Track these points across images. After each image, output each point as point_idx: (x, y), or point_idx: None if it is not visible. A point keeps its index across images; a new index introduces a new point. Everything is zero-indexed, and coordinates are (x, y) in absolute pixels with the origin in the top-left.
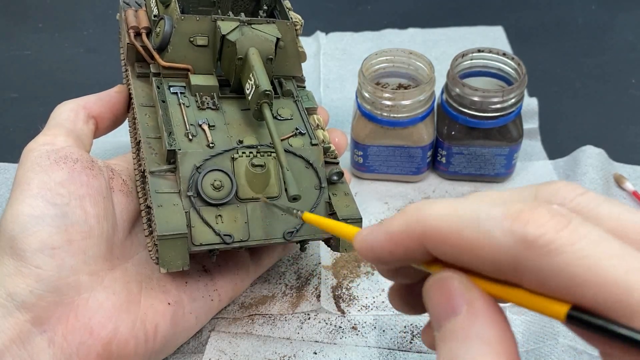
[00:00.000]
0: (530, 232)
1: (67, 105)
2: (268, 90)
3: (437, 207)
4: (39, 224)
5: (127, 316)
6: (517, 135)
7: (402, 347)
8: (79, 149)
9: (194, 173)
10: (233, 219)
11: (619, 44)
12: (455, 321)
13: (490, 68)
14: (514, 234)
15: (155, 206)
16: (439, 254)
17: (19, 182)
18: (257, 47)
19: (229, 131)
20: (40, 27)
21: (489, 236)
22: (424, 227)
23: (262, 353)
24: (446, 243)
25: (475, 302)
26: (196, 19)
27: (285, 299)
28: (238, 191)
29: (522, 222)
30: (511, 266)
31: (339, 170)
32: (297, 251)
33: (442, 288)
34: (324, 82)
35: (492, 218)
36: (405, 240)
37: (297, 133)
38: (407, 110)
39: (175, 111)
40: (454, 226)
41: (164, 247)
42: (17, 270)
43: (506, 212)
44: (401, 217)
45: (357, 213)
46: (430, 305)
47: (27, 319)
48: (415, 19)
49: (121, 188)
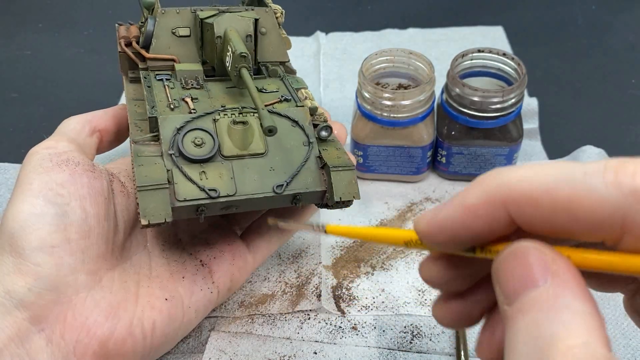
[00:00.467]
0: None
1: (73, 119)
2: (244, 53)
3: (521, 170)
4: (39, 222)
5: (124, 314)
6: (517, 135)
7: (402, 347)
8: (81, 154)
9: (175, 134)
10: (218, 175)
11: (619, 44)
12: (538, 292)
13: (490, 68)
14: (621, 186)
15: (136, 166)
16: (527, 220)
17: (20, 182)
18: (235, 26)
19: (212, 103)
20: (40, 27)
21: (591, 190)
22: (509, 192)
23: (262, 353)
24: (538, 205)
25: (562, 273)
26: (176, 12)
27: (286, 297)
28: (222, 149)
29: (628, 175)
30: (617, 221)
31: (327, 124)
32: (297, 249)
33: (519, 259)
34: (324, 82)
35: (591, 172)
36: (486, 210)
37: (282, 99)
38: (407, 110)
39: (160, 91)
40: (546, 185)
41: (144, 198)
42: (16, 268)
43: (604, 166)
44: (478, 186)
45: (350, 162)
46: (504, 278)
47: (26, 317)
48: (415, 19)
49: (121, 189)
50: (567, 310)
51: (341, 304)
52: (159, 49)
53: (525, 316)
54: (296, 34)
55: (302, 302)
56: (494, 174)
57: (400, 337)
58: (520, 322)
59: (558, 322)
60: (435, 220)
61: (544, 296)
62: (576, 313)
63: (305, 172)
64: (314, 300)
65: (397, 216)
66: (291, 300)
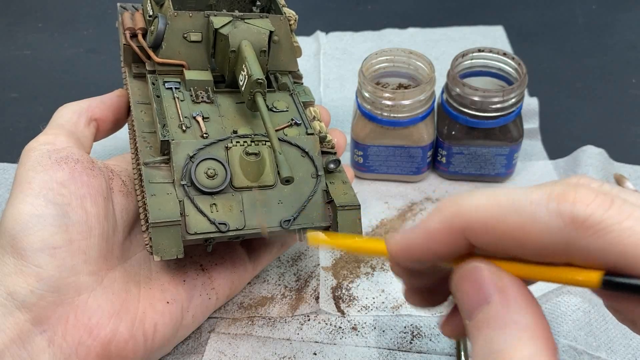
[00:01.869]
0: (580, 212)
1: (69, 107)
2: (260, 79)
3: (475, 198)
4: (41, 223)
5: (126, 316)
6: (518, 135)
7: (402, 347)
8: (80, 149)
9: (188, 162)
10: (228, 208)
11: (619, 44)
12: (488, 309)
13: (491, 68)
14: (563, 215)
15: (149, 195)
16: (482, 244)
17: (19, 181)
18: (250, 39)
19: (223, 123)
20: (40, 27)
21: (535, 219)
22: (466, 220)
23: (261, 354)
24: (490, 232)
25: (508, 288)
26: (189, 15)
27: (285, 300)
28: (233, 180)
29: (569, 202)
30: (561, 247)
31: (336, 158)
32: (296, 252)
33: (471, 278)
34: (324, 82)
35: (536, 201)
36: (446, 236)
37: (292, 123)
38: (407, 110)
39: (170, 105)
40: (497, 214)
41: (157, 235)
42: (17, 270)
43: (548, 194)
44: (438, 213)
45: (356, 200)
46: (460, 295)
47: (27, 319)
48: (415, 19)
49: (120, 189)
50: (514, 325)
51: (341, 304)
52: (168, 53)
53: (480, 332)
54: (296, 34)
55: (302, 307)
56: (452, 202)
57: (400, 338)
58: (477, 337)
59: (506, 338)
60: (402, 243)
61: (493, 313)
62: (522, 328)
63: (311, 206)
64: (312, 304)
65: (397, 216)
66: (290, 305)
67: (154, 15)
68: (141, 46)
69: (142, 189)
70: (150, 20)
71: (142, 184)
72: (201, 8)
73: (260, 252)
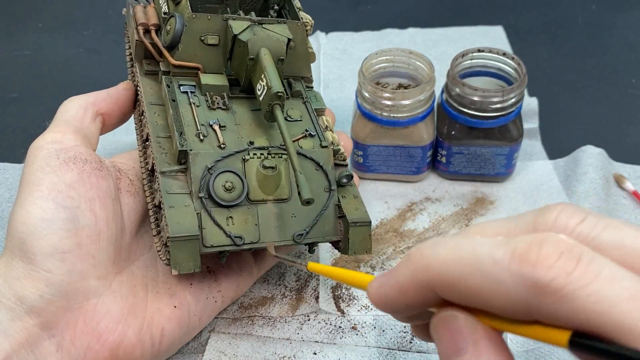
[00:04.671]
0: (541, 277)
1: (75, 101)
2: (280, 92)
3: (441, 252)
4: (50, 228)
5: (134, 321)
6: (517, 135)
7: (402, 347)
8: (87, 148)
9: (206, 174)
10: (244, 221)
11: (619, 44)
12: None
13: (490, 68)
14: (524, 279)
15: (167, 207)
16: (451, 299)
17: (27, 181)
18: (269, 47)
19: (240, 132)
20: (40, 27)
21: (497, 283)
22: (431, 275)
23: (262, 354)
24: (455, 290)
25: (480, 341)
26: (208, 18)
27: (285, 300)
28: (249, 193)
29: (530, 265)
30: (523, 309)
31: (349, 173)
32: (297, 251)
33: (447, 327)
34: (324, 82)
35: (499, 261)
36: (415, 290)
37: (307, 135)
38: (407, 110)
39: (186, 111)
40: (460, 273)
41: (176, 249)
42: (26, 274)
43: (511, 253)
44: (407, 266)
45: (367, 216)
46: (438, 342)
47: (36, 323)
48: (415, 19)
49: (128, 189)
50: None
51: (341, 304)
52: (184, 55)
53: None
54: None
55: (302, 307)
56: (420, 255)
57: (400, 337)
58: None
59: None
60: (378, 294)
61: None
62: None
63: (323, 220)
64: (312, 304)
65: (397, 216)
66: (290, 305)
67: (169, 14)
68: (154, 43)
69: (152, 190)
70: (165, 18)
71: (151, 185)
72: (213, 2)
73: (265, 257)
